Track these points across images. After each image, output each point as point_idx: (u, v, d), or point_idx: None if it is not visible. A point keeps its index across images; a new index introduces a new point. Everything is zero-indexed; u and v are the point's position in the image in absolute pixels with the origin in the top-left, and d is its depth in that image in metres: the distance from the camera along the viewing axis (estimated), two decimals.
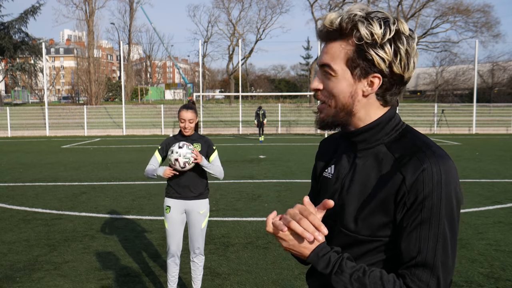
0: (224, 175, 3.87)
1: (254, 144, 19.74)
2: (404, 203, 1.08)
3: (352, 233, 1.15)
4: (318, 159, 1.38)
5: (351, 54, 1.10)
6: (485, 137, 23.51)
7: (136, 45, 65.81)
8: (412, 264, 1.07)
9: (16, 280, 4.38)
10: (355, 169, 1.19)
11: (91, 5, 40.09)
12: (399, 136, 1.17)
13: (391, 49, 1.07)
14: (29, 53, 35.97)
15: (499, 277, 4.35)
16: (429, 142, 1.13)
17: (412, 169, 1.07)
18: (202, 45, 45.76)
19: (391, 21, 1.08)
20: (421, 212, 1.06)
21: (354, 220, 1.15)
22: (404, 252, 1.08)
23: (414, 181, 1.06)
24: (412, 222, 1.07)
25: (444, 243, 1.06)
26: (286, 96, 41.56)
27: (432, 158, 1.08)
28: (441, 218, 1.06)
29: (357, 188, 1.16)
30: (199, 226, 3.77)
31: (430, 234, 1.06)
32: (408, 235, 1.08)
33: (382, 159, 1.15)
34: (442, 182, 1.06)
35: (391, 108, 1.19)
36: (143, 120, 29.55)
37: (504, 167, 11.96)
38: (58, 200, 8.05)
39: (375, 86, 1.12)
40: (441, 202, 1.06)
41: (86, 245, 5.49)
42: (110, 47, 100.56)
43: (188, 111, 3.65)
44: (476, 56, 27.93)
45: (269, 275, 4.46)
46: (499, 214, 6.86)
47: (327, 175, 1.28)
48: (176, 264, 3.83)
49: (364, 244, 1.15)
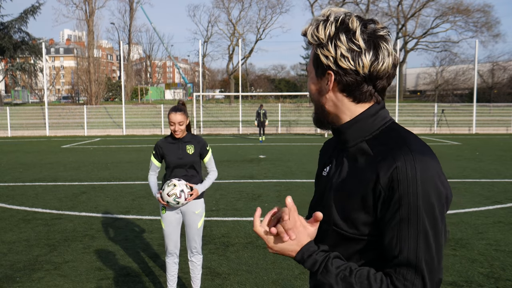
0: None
1: (254, 144, 19.74)
2: (382, 202, 1.09)
3: (342, 231, 1.17)
4: (319, 159, 1.42)
5: (312, 55, 1.22)
6: (485, 137, 23.51)
7: (136, 45, 65.79)
8: (396, 263, 1.07)
9: (16, 280, 4.38)
10: (342, 167, 1.22)
11: (91, 5, 40.08)
12: (381, 133, 1.18)
13: (332, 47, 1.14)
14: (29, 53, 35.94)
15: (499, 277, 4.35)
16: (409, 138, 1.14)
17: (386, 167, 1.08)
18: (202, 45, 45.77)
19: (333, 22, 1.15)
20: (398, 210, 1.06)
21: (342, 218, 1.16)
22: (387, 251, 1.09)
23: (388, 179, 1.07)
24: (391, 221, 1.08)
25: (426, 241, 1.06)
26: (286, 96, 41.55)
27: (407, 155, 1.08)
28: (419, 216, 1.05)
29: (341, 186, 1.19)
30: (195, 226, 3.74)
31: (410, 232, 1.06)
32: (389, 234, 1.08)
33: (362, 156, 1.17)
34: (418, 179, 1.05)
35: (373, 105, 1.20)
36: (143, 120, 29.55)
37: (504, 167, 11.96)
38: (58, 200, 8.05)
39: (330, 82, 1.19)
40: (418, 199, 1.05)
41: (86, 245, 5.49)
42: (110, 47, 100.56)
43: (177, 114, 3.55)
44: (476, 56, 27.94)
45: (269, 275, 4.46)
46: (499, 214, 6.86)
47: (324, 174, 1.32)
48: (175, 263, 3.82)
49: (354, 242, 1.16)
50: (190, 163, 3.67)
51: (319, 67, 1.20)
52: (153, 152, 3.78)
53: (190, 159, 3.66)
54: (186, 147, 3.66)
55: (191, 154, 3.67)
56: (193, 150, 3.68)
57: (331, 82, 1.18)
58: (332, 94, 1.21)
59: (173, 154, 3.65)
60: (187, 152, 3.66)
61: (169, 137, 3.72)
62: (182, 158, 3.65)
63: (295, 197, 7.66)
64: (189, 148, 3.67)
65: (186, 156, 3.65)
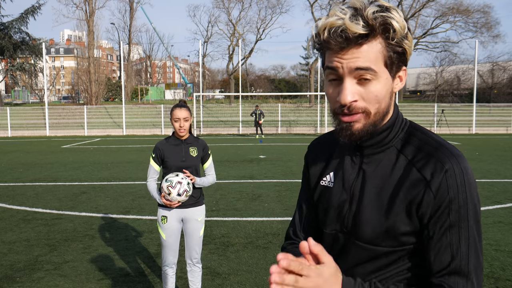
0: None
1: (254, 144, 19.74)
2: (431, 208, 1.01)
3: (371, 246, 1.07)
4: (310, 164, 1.25)
5: (385, 51, 1.00)
6: (485, 137, 23.50)
7: (136, 45, 65.88)
8: (446, 273, 1.00)
9: (16, 280, 4.38)
10: (364, 176, 1.10)
11: (91, 5, 40.09)
12: (407, 135, 1.10)
13: (410, 34, 1.04)
14: (29, 53, 35.99)
15: (499, 277, 4.35)
16: (442, 141, 1.07)
17: (434, 171, 1.01)
18: (202, 45, 45.81)
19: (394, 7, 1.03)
20: (448, 216, 1.00)
21: (373, 231, 1.06)
22: (435, 260, 1.01)
23: (439, 183, 1.00)
24: (441, 228, 1.01)
25: (475, 247, 1.00)
26: (286, 96, 41.57)
27: (452, 158, 1.02)
28: (469, 220, 1.00)
29: (371, 197, 1.07)
30: (197, 234, 3.55)
31: (461, 238, 1.00)
32: (438, 241, 1.01)
33: (395, 163, 1.07)
34: (466, 182, 1.00)
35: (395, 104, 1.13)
36: (143, 120, 29.55)
37: (504, 167, 11.96)
38: (58, 200, 8.05)
39: (403, 79, 1.07)
40: (467, 203, 1.00)
41: (86, 245, 5.49)
42: (110, 47, 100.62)
43: (182, 109, 3.38)
44: (476, 56, 27.93)
45: (269, 275, 4.46)
46: (499, 214, 6.86)
47: (326, 184, 1.17)
48: (174, 273, 3.63)
49: (384, 256, 1.07)
50: (193, 166, 3.49)
51: (397, 63, 1.03)
52: (152, 155, 3.52)
53: (194, 162, 3.49)
54: (189, 149, 3.48)
55: (194, 156, 3.49)
56: (197, 153, 3.51)
57: (405, 79, 1.07)
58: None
59: (175, 156, 3.46)
60: (191, 155, 3.48)
61: (170, 139, 3.51)
62: (186, 161, 3.46)
63: (295, 198, 7.58)
64: (192, 151, 3.49)
65: (189, 159, 3.47)
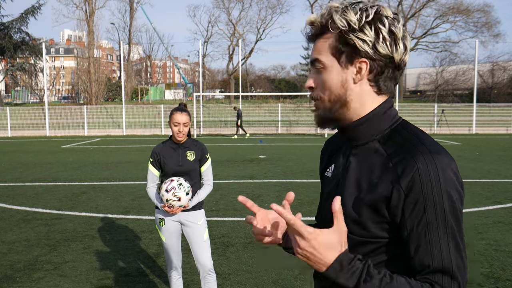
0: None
1: (254, 144, 19.73)
2: (403, 205, 1.03)
3: (350, 234, 1.09)
4: (321, 159, 1.37)
5: (333, 43, 1.11)
6: (485, 137, 23.51)
7: (136, 45, 65.80)
8: (430, 271, 1.02)
9: (16, 280, 4.38)
10: (349, 167, 1.16)
11: (91, 5, 40.10)
12: (393, 131, 1.13)
13: (372, 30, 1.07)
14: (29, 53, 35.99)
15: (499, 277, 4.35)
16: (424, 138, 1.09)
17: (406, 168, 1.03)
18: (202, 45, 45.77)
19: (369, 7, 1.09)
20: (425, 213, 1.01)
21: (352, 220, 1.10)
22: (417, 259, 1.03)
23: (409, 180, 1.01)
24: (418, 225, 1.02)
25: (456, 244, 1.02)
26: (286, 96, 41.53)
27: (426, 155, 1.03)
28: (446, 217, 1.01)
29: (350, 187, 1.13)
30: (201, 238, 3.44)
31: (440, 236, 1.01)
32: (417, 240, 1.02)
33: (374, 156, 1.11)
34: (440, 179, 1.01)
35: (387, 100, 1.16)
36: (143, 120, 29.55)
37: (504, 167, 11.95)
38: (58, 200, 8.05)
39: (363, 71, 1.11)
40: (443, 200, 1.01)
41: (86, 245, 5.49)
42: (110, 47, 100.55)
43: (182, 114, 3.36)
44: (476, 56, 27.93)
45: (269, 275, 4.46)
46: (499, 214, 6.86)
47: (328, 174, 1.27)
48: (180, 277, 3.60)
49: (362, 246, 1.10)
50: (190, 171, 3.45)
51: (345, 55, 1.11)
52: (150, 160, 3.48)
53: (191, 166, 3.44)
54: (186, 154, 3.44)
55: (191, 160, 3.44)
56: (194, 157, 3.46)
57: (366, 70, 1.11)
58: (358, 84, 1.13)
59: (172, 161, 3.42)
60: (188, 159, 3.44)
61: (168, 142, 3.49)
62: (182, 165, 3.42)
63: (296, 198, 7.59)
64: (189, 155, 3.45)
65: (186, 163, 3.43)
